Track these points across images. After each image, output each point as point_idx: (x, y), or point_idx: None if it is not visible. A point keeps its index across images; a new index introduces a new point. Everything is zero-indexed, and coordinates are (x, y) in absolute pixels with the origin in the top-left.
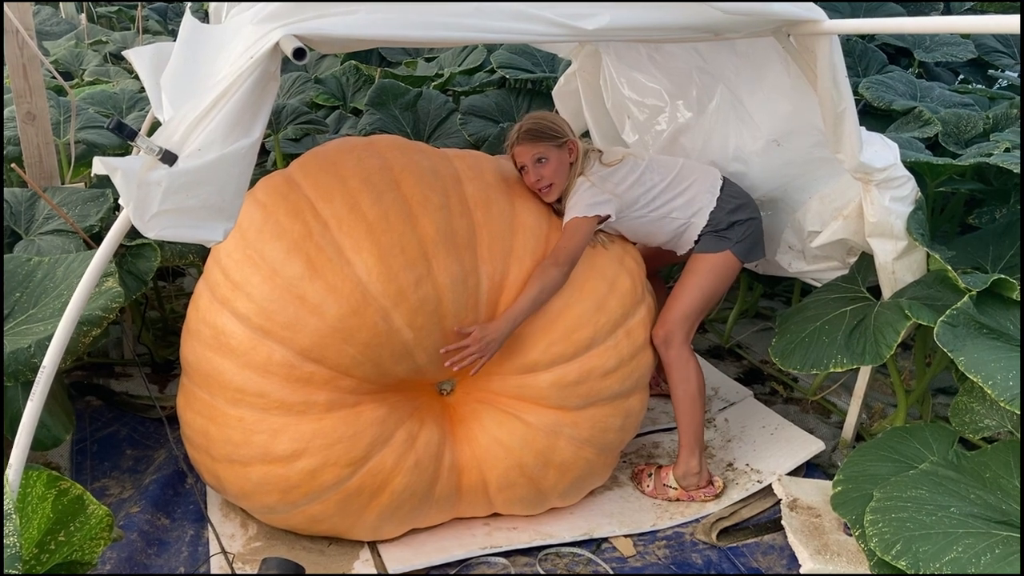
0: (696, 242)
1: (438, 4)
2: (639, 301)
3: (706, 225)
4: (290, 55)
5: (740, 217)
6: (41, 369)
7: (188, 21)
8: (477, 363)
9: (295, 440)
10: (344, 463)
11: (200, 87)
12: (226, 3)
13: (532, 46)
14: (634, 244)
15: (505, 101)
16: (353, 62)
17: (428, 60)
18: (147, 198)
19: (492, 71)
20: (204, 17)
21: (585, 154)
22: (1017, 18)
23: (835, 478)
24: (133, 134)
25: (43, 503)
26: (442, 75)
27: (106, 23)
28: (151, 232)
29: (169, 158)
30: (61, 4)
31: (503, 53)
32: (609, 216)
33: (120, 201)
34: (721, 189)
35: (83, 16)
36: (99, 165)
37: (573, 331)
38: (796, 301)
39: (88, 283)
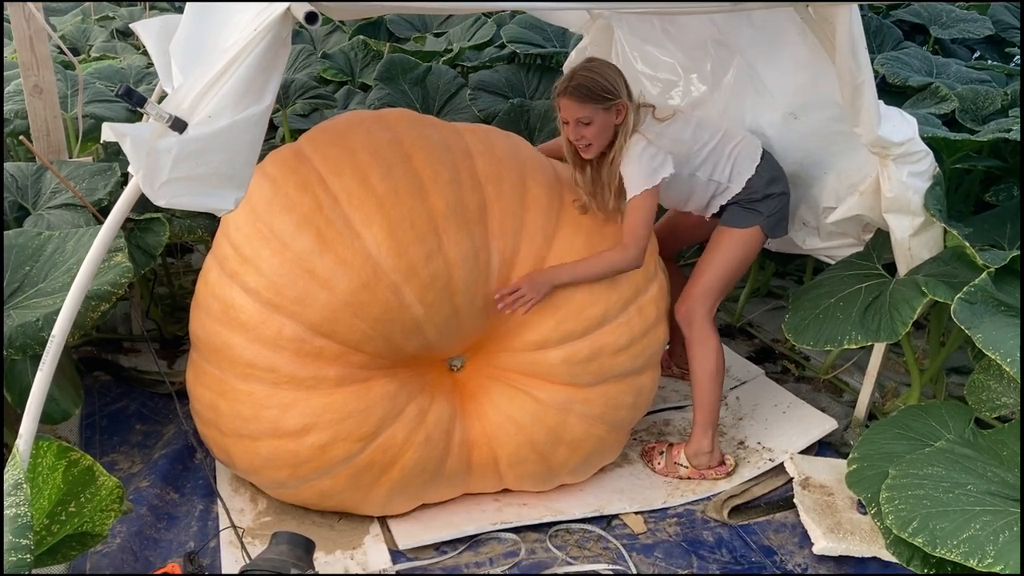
0: (722, 210)
1: None
2: (651, 278)
3: (740, 192)
4: (302, 19)
5: (774, 190)
6: (51, 339)
7: None
8: (528, 305)
9: (305, 415)
10: (354, 438)
11: (210, 53)
12: None
13: (543, 20)
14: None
15: (515, 76)
16: (361, 37)
17: (437, 35)
18: (157, 165)
19: (502, 46)
20: None
21: (637, 109)
22: None
23: (850, 456)
24: (142, 100)
25: (53, 474)
26: (451, 50)
27: None
28: (161, 200)
29: (179, 125)
30: None
31: (513, 28)
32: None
33: (130, 169)
34: (762, 158)
35: None
36: (108, 131)
37: (584, 308)
38: (808, 280)
39: (96, 255)
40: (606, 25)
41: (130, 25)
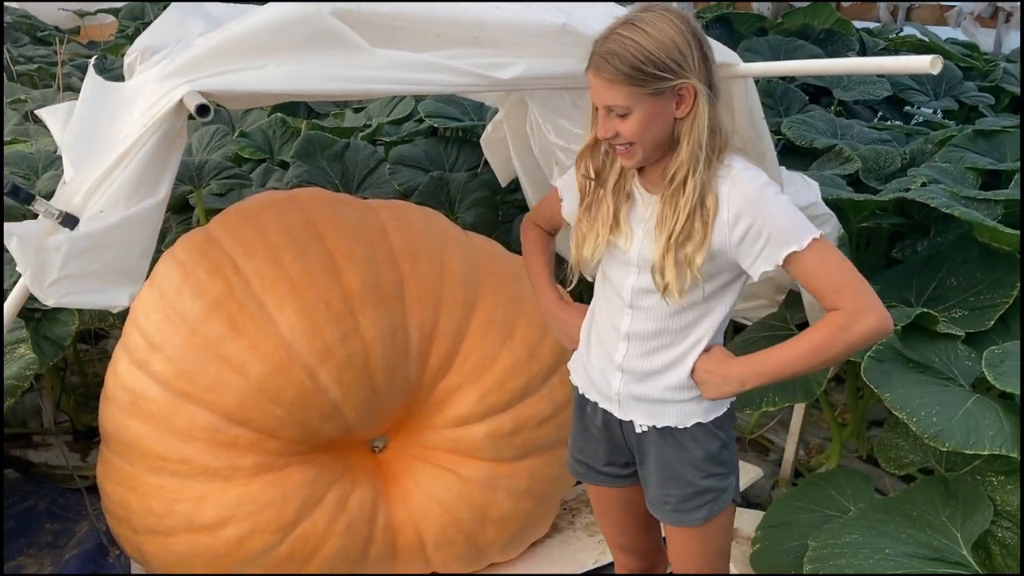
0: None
1: (348, 58)
2: None
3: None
4: (193, 112)
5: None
6: None
7: (91, 79)
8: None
9: (221, 507)
10: (273, 529)
11: (103, 147)
12: (138, 61)
13: (458, 95)
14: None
15: (434, 150)
16: (279, 115)
17: (356, 111)
18: (46, 264)
19: (421, 120)
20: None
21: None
22: (927, 58)
23: (754, 535)
24: (30, 198)
25: None
26: (370, 126)
27: (27, 81)
28: (51, 300)
29: (70, 221)
30: None
31: (430, 103)
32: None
33: (18, 268)
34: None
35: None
36: None
37: (506, 380)
38: (729, 339)
39: None
40: (520, 99)
41: (35, 111)
